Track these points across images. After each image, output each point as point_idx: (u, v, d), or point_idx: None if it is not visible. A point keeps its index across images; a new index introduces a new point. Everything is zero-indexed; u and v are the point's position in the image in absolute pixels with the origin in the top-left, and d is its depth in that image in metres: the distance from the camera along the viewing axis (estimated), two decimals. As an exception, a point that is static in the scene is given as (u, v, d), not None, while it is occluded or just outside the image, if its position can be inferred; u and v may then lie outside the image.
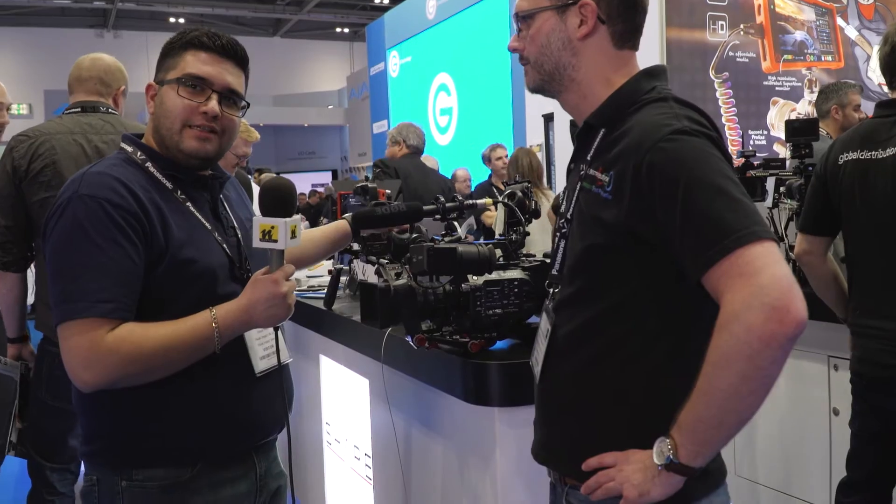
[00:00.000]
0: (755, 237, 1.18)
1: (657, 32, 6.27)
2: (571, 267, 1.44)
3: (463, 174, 8.39)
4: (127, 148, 1.72)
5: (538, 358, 1.52)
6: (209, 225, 1.72)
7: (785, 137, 3.32)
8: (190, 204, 1.70)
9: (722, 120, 6.70)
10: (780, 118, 6.87)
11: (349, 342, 2.69)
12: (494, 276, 1.88)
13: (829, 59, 7.16)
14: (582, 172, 1.43)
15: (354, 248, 2.41)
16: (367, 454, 2.69)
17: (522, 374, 1.73)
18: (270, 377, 1.78)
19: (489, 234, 6.28)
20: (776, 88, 6.93)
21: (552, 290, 1.52)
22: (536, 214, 2.14)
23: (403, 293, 1.82)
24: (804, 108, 7.01)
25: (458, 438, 2.15)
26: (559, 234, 1.50)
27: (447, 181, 6.11)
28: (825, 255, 2.65)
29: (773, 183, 3.21)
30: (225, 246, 1.73)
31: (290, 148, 21.96)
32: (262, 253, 1.65)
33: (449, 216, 2.23)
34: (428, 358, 2.04)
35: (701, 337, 1.23)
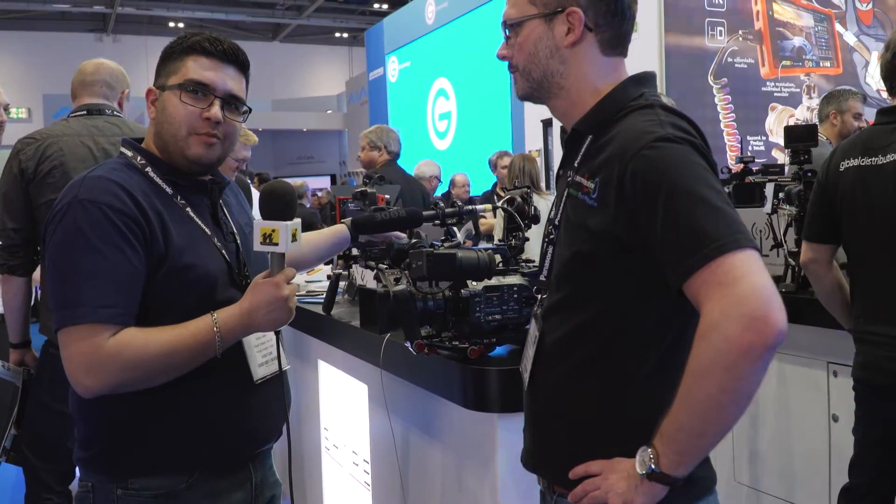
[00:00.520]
0: (736, 246, 1.17)
1: (656, 38, 6.27)
2: (558, 274, 1.44)
3: (461, 179, 8.39)
4: (127, 152, 1.72)
5: (527, 365, 1.52)
6: (208, 230, 1.71)
7: (784, 143, 3.32)
8: (190, 209, 1.70)
9: (720, 126, 6.71)
10: (778, 124, 6.88)
11: (348, 347, 2.69)
12: (494, 281, 1.88)
13: (827, 64, 7.17)
14: (569, 179, 1.43)
15: (354, 252, 2.42)
16: (365, 460, 2.68)
17: (522, 380, 1.73)
18: (269, 384, 1.77)
19: (487, 239, 6.28)
20: (775, 94, 6.94)
21: (540, 296, 1.52)
22: (536, 220, 2.14)
23: (403, 299, 1.82)
24: (802, 113, 7.02)
25: (456, 444, 2.14)
26: (547, 240, 1.50)
27: (424, 187, 6.12)
28: (830, 263, 2.64)
29: (771, 189, 3.20)
30: (224, 252, 1.72)
31: (288, 152, 21.94)
32: (261, 258, 1.65)
33: (448, 222, 2.22)
34: (427, 363, 2.04)
35: (687, 346, 1.22)
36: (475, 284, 1.85)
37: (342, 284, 3.10)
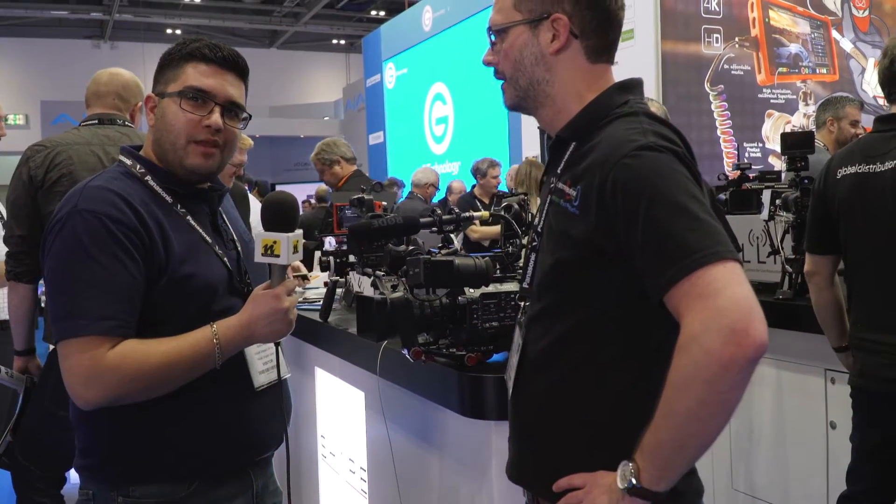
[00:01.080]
0: (717, 257, 1.16)
1: (653, 45, 6.27)
2: (540, 282, 1.43)
3: (458, 186, 8.41)
4: (126, 161, 1.70)
5: (510, 374, 1.51)
6: (209, 238, 1.71)
7: (781, 150, 3.32)
8: (190, 217, 1.69)
9: (717, 132, 6.71)
10: (775, 131, 6.89)
11: (345, 355, 2.68)
12: (491, 288, 1.87)
13: (823, 71, 7.18)
14: (552, 186, 1.42)
15: (351, 259, 2.41)
16: (362, 468, 2.67)
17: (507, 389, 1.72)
18: (270, 392, 1.77)
19: (474, 247, 6.24)
20: (771, 101, 6.95)
21: (523, 304, 1.51)
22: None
23: (400, 306, 1.81)
24: (799, 120, 7.03)
25: (453, 452, 2.14)
26: (530, 247, 1.50)
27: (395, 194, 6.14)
28: (832, 276, 2.62)
29: (768, 196, 3.21)
30: (225, 259, 1.72)
31: (285, 159, 21.93)
32: (261, 265, 1.65)
33: (445, 229, 2.22)
34: (424, 371, 2.03)
35: (669, 358, 1.20)
36: (472, 292, 1.85)
37: (339, 291, 3.09)
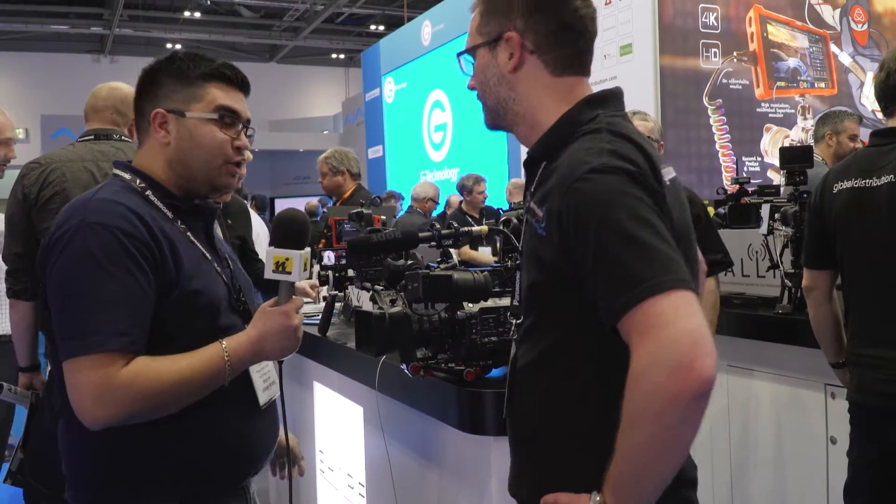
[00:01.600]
0: (666, 287, 1.13)
1: (651, 60, 6.29)
2: (521, 301, 1.43)
3: (457, 200, 8.40)
4: (124, 175, 1.67)
5: (506, 389, 1.51)
6: (209, 255, 1.70)
7: (779, 164, 3.33)
8: (190, 234, 1.68)
9: (716, 146, 6.72)
10: (773, 145, 6.90)
11: (343, 369, 2.68)
12: (490, 303, 1.87)
13: (822, 85, 7.20)
14: (527, 205, 1.42)
15: (350, 273, 2.40)
16: (360, 483, 2.66)
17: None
18: (270, 409, 1.77)
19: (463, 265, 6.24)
20: (769, 115, 6.96)
21: (515, 321, 1.50)
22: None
23: (399, 320, 1.81)
24: (798, 134, 7.04)
25: (452, 467, 2.13)
26: (516, 265, 1.50)
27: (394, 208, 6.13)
28: (830, 291, 2.62)
29: (767, 210, 3.21)
30: (224, 276, 1.71)
31: (285, 173, 21.94)
32: (247, 284, 1.65)
33: (444, 243, 2.22)
34: (423, 386, 2.03)
35: None
36: (471, 306, 1.85)
37: (338, 306, 3.09)
